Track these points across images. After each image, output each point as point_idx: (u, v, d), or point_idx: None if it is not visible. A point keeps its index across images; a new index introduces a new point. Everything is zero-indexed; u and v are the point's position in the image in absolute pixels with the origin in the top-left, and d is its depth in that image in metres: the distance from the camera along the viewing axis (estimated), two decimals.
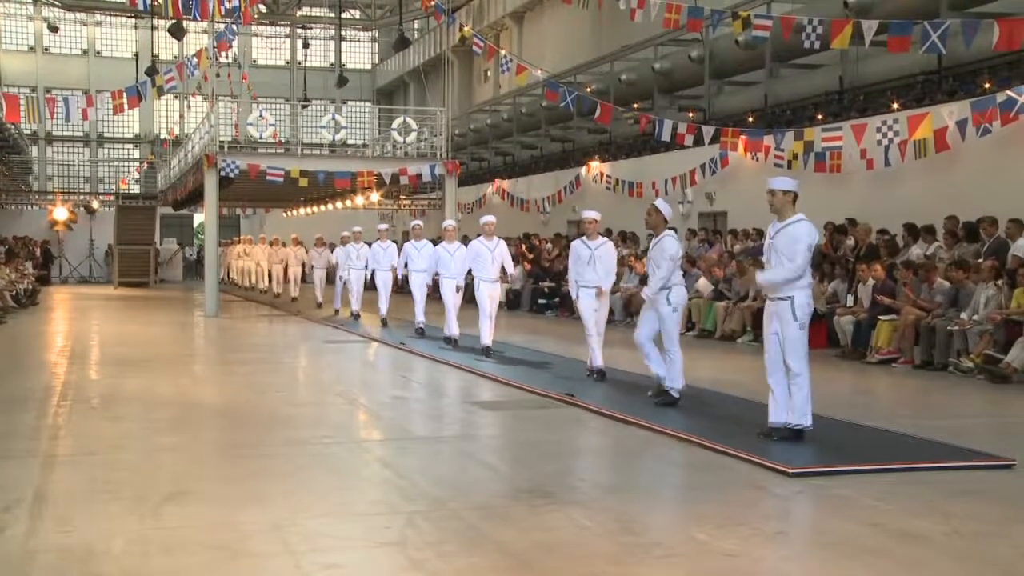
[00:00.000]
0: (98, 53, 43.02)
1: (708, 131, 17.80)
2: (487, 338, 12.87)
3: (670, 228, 9.35)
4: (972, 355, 11.35)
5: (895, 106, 15.88)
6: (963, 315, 11.74)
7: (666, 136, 18.14)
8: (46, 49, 42.37)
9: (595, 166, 23.99)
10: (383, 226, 16.59)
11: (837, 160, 16.01)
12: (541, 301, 21.25)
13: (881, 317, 12.73)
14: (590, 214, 11.03)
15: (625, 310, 18.33)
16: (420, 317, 15.73)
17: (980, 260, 12.27)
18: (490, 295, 12.93)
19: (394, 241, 19.22)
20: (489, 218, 13.39)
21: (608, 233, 20.98)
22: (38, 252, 33.15)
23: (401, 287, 17.87)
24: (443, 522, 5.47)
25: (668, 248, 9.08)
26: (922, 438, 7.63)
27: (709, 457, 7.12)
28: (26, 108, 14.60)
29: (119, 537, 5.16)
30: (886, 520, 5.52)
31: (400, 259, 16.39)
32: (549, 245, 23.20)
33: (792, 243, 7.30)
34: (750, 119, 19.34)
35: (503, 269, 13.08)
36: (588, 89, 23.22)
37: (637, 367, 10.96)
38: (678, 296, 9.17)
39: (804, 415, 7.36)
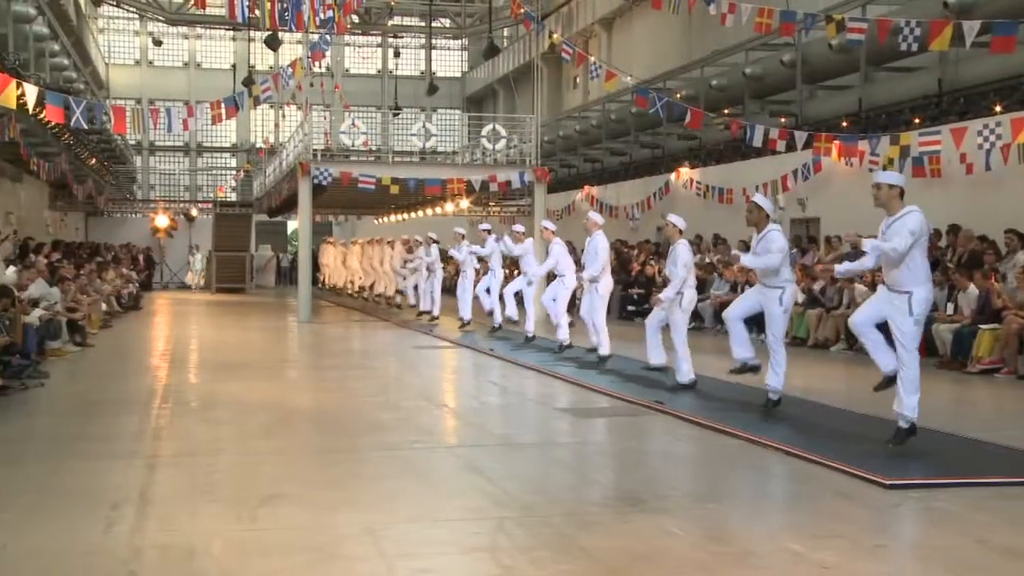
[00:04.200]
0: (198, 65, 44.18)
1: (800, 136, 17.46)
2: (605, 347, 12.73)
3: (773, 223, 9.22)
4: None
5: (997, 109, 15.38)
6: None
7: (757, 141, 17.86)
8: (150, 62, 43.70)
9: (685, 172, 23.77)
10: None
11: (936, 165, 15.57)
12: (630, 308, 21.11)
13: (982, 326, 12.33)
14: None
15: (715, 317, 18.10)
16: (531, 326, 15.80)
17: None
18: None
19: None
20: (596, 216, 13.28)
21: (698, 239, 20.86)
22: (141, 258, 34.15)
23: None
24: (533, 528, 5.47)
25: (776, 242, 8.94)
26: None
27: (802, 467, 6.98)
28: (132, 119, 15.06)
29: (218, 538, 5.30)
30: (991, 536, 5.34)
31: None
32: (635, 251, 23.06)
33: (901, 229, 7.19)
34: (844, 124, 18.93)
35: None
36: (678, 95, 23.02)
37: (724, 374, 10.85)
38: (790, 297, 9.07)
39: (913, 409, 7.29)
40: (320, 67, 29.71)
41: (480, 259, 18.05)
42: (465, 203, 27.40)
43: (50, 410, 9.72)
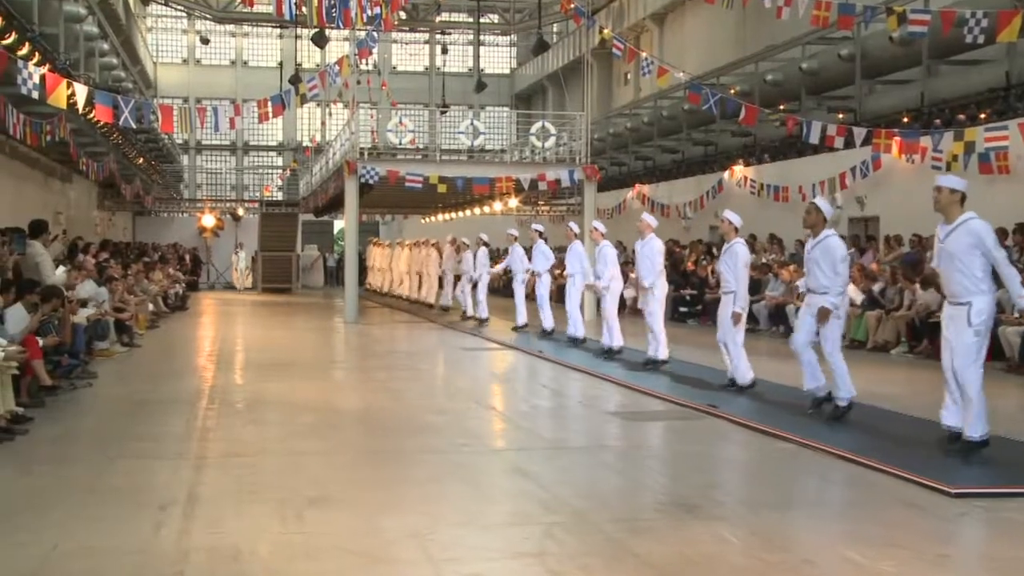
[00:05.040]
0: (245, 63, 44.72)
1: (859, 132, 17.22)
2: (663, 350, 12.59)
3: (830, 226, 9.10)
4: None
5: None
6: None
7: (814, 138, 17.65)
8: (198, 61, 44.32)
9: (739, 170, 23.58)
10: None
11: (1003, 161, 15.26)
12: (682, 309, 20.98)
13: None
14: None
15: (771, 319, 17.94)
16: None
17: None
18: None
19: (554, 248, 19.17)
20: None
21: (752, 239, 20.68)
22: (187, 258, 34.59)
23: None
24: (583, 534, 5.45)
25: (836, 249, 8.81)
26: None
27: (861, 473, 6.89)
28: (179, 118, 15.24)
29: (265, 540, 5.34)
30: None
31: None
32: (687, 251, 22.92)
33: (977, 241, 7.04)
34: (905, 119, 18.65)
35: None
36: (732, 91, 22.83)
37: (781, 377, 10.74)
38: (844, 302, 8.97)
39: (975, 428, 7.10)
40: (367, 64, 29.89)
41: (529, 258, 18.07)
42: (514, 202, 27.40)
43: (98, 410, 9.89)
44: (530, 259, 17.91)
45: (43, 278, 11.44)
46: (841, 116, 20.41)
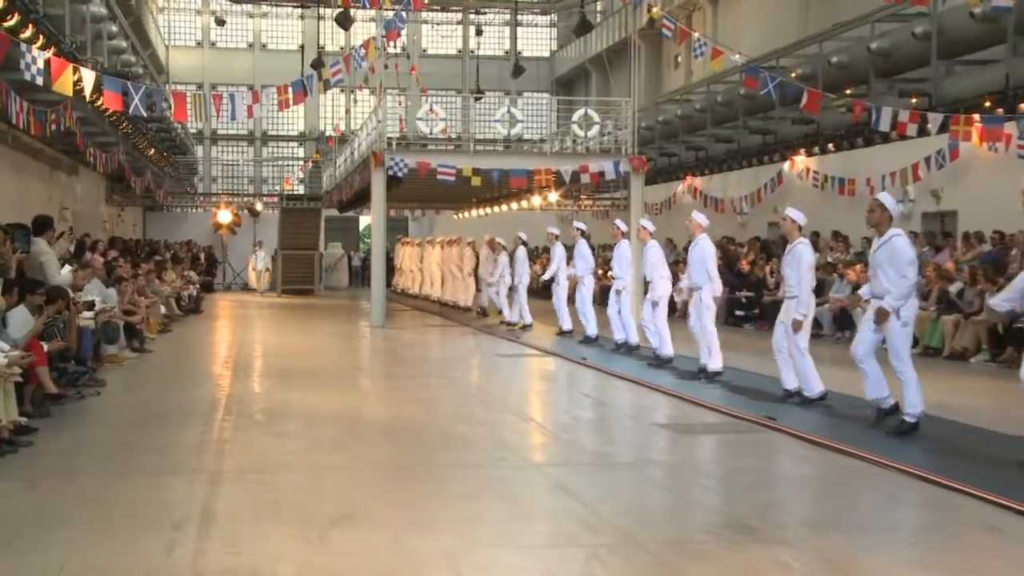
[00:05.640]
0: (263, 47, 45.04)
1: (935, 119, 17.04)
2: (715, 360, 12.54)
3: (896, 227, 9.04)
4: None
5: None
6: None
7: (884, 126, 17.48)
8: (213, 44, 44.70)
9: (800, 161, 23.43)
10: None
11: None
12: (738, 312, 20.88)
13: None
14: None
15: (835, 323, 17.81)
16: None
17: None
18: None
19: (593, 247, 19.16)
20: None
21: (815, 236, 20.54)
22: (202, 257, 34.85)
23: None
24: (630, 557, 5.44)
25: (903, 250, 8.76)
26: None
27: (939, 494, 6.82)
28: (193, 106, 15.39)
29: (286, 561, 5.38)
30: None
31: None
32: (746, 249, 22.80)
33: None
34: (986, 103, 18.43)
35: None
36: (793, 74, 22.69)
37: (847, 387, 10.65)
38: (910, 309, 8.89)
39: None
40: (395, 47, 30.04)
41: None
42: (554, 196, 27.39)
43: (107, 420, 10.00)
44: (570, 260, 17.94)
45: (48, 278, 11.54)
46: (915, 101, 20.19)
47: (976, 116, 17.01)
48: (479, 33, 41.16)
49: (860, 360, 9.02)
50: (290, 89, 15.90)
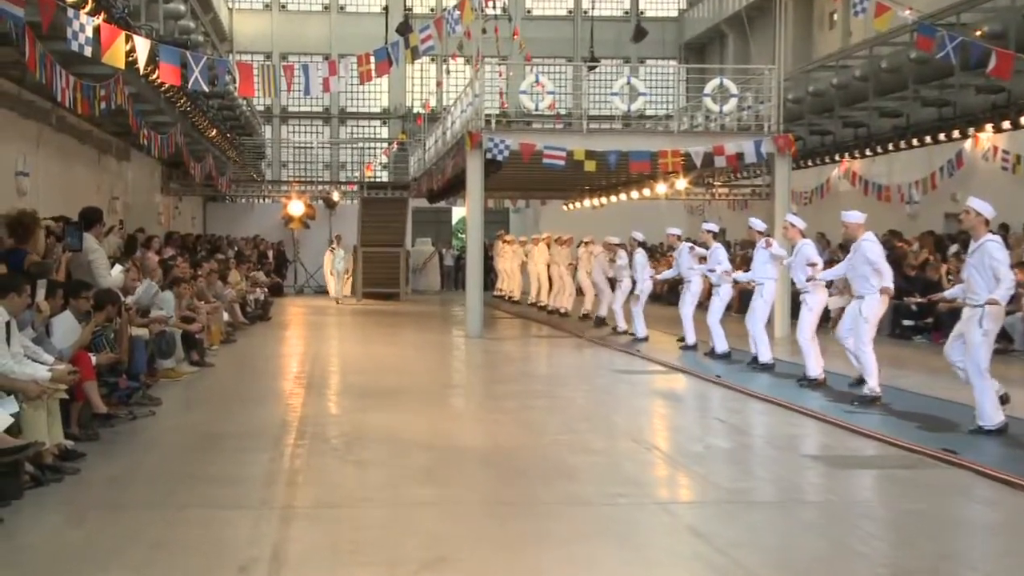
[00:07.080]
0: (341, 8, 45.55)
1: None
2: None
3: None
4: None
5: None
6: None
7: None
8: (283, 7, 45.31)
9: (986, 138, 22.91)
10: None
11: None
12: (906, 322, 20.47)
13: None
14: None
15: None
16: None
17: None
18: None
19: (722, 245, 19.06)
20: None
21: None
22: (270, 255, 35.34)
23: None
24: None
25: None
26: None
27: None
28: (260, 79, 15.64)
29: None
30: None
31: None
32: (916, 246, 22.37)
33: None
34: None
35: None
36: (977, 32, 22.20)
37: None
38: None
39: None
40: (495, 8, 30.15)
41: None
42: (682, 183, 27.24)
43: (163, 445, 10.23)
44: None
45: (96, 280, 11.60)
46: None
47: None
48: None
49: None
50: (372, 59, 16.10)
